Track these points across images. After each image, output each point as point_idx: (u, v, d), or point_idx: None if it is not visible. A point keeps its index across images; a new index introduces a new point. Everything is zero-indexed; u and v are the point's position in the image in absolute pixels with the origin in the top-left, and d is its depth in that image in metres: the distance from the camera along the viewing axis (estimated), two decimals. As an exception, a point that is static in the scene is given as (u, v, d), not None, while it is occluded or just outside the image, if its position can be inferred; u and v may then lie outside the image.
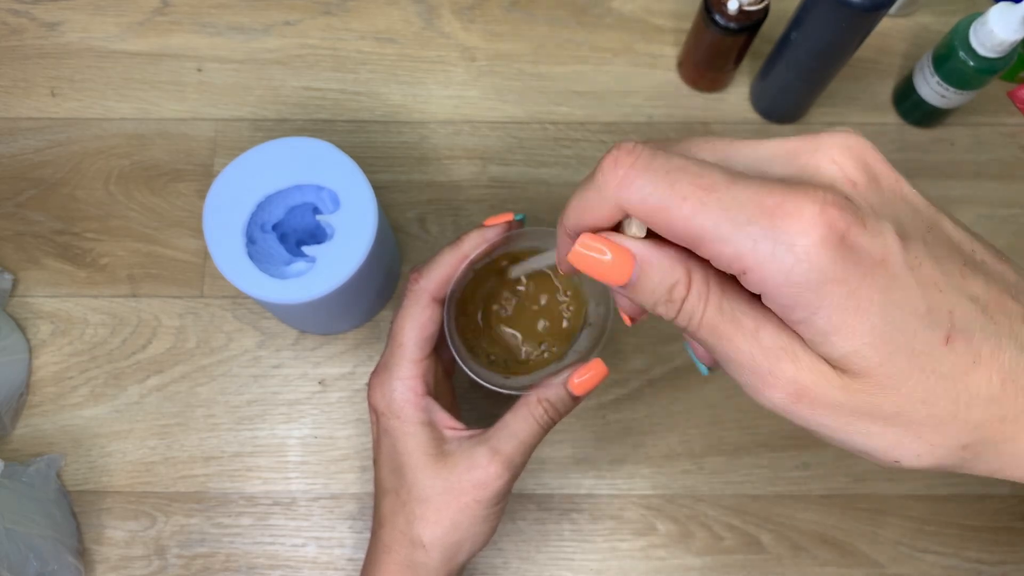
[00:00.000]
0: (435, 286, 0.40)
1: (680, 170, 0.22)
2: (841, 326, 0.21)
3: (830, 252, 0.21)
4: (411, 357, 0.40)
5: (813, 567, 0.51)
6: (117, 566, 0.50)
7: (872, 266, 0.21)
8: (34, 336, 0.53)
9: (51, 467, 0.50)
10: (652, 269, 0.24)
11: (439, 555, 0.39)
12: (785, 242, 0.21)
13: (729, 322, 0.23)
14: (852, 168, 0.22)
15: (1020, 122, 0.58)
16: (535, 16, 0.60)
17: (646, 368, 0.53)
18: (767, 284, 0.21)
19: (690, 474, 0.52)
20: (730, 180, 0.22)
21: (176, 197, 0.56)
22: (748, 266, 0.21)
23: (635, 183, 0.23)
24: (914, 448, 0.23)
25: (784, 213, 0.21)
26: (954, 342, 0.22)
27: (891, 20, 0.59)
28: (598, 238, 0.24)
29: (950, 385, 0.22)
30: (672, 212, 0.22)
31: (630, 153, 0.23)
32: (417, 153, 0.57)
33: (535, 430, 0.39)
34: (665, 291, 0.24)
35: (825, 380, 0.22)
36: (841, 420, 0.23)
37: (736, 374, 0.24)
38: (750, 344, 0.23)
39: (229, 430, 0.52)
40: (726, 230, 0.21)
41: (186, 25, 0.59)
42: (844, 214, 0.21)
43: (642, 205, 0.23)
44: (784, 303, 0.22)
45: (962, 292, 0.22)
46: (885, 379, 0.22)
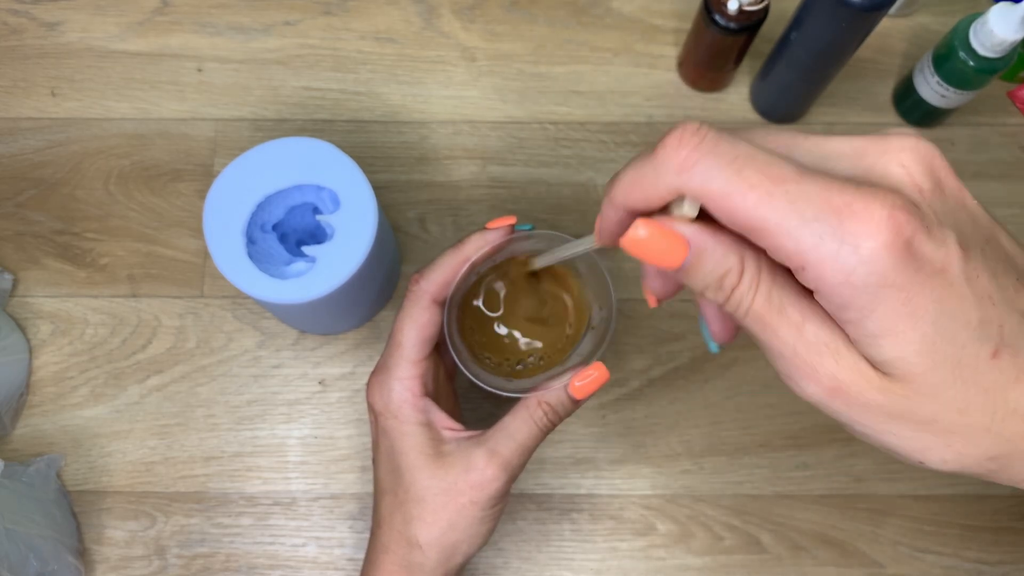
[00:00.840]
0: (436, 288, 0.40)
1: (748, 157, 0.22)
2: (892, 331, 0.21)
3: (894, 257, 0.21)
4: (410, 358, 0.40)
5: (813, 567, 0.51)
6: (117, 566, 0.50)
7: (932, 274, 0.21)
8: (34, 336, 0.53)
9: (51, 467, 0.50)
10: (706, 256, 0.23)
11: (436, 556, 0.39)
12: (851, 242, 0.21)
13: (776, 312, 0.23)
14: (919, 173, 0.22)
15: (1020, 122, 0.58)
16: (535, 16, 0.60)
17: (646, 368, 0.53)
18: (824, 282, 0.21)
19: (690, 474, 0.52)
20: (799, 173, 0.22)
21: (176, 197, 0.56)
22: (809, 262, 0.21)
23: (699, 165, 0.22)
24: (942, 454, 0.23)
25: (852, 213, 0.21)
26: (1000, 357, 0.22)
27: (891, 20, 0.59)
28: (651, 222, 0.24)
29: (989, 398, 0.22)
30: (736, 199, 0.22)
31: (695, 134, 0.22)
32: (417, 153, 0.57)
33: (534, 433, 0.39)
34: (717, 278, 0.23)
35: (865, 380, 0.22)
36: (874, 419, 0.23)
37: (776, 363, 0.24)
38: (794, 336, 0.23)
39: (229, 430, 0.52)
40: (791, 224, 0.21)
41: (186, 25, 0.59)
42: (911, 220, 0.21)
43: (704, 189, 0.22)
44: (838, 302, 0.22)
45: (1014, 307, 0.22)
46: (926, 387, 0.22)
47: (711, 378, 0.53)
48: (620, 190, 0.25)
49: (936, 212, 0.22)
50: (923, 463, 0.23)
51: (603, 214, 0.27)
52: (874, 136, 0.23)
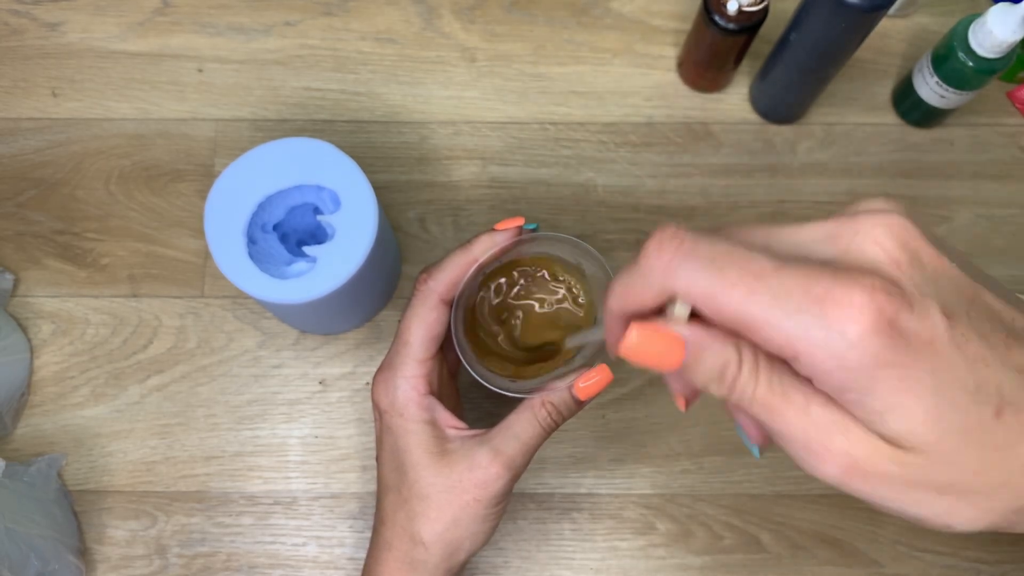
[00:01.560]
0: (444, 287, 0.40)
1: (726, 255, 0.23)
2: (895, 406, 0.22)
3: (881, 338, 0.21)
4: (416, 356, 0.40)
5: (812, 566, 0.51)
6: (118, 565, 0.50)
7: (921, 347, 0.22)
8: (35, 336, 0.53)
9: (52, 467, 0.50)
10: (703, 352, 0.24)
11: (439, 553, 0.39)
12: (837, 330, 0.21)
13: (780, 398, 0.23)
14: (894, 248, 0.23)
15: (1019, 122, 0.58)
16: (535, 17, 0.60)
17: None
18: (818, 369, 0.22)
19: (690, 473, 0.52)
20: (777, 266, 0.22)
21: (176, 197, 0.56)
22: (800, 352, 0.22)
23: (681, 269, 0.23)
24: (967, 515, 0.23)
25: (833, 301, 0.21)
26: (1004, 415, 0.22)
27: (890, 20, 0.59)
28: (645, 327, 0.24)
29: (1002, 456, 0.23)
30: (721, 299, 0.23)
31: (673, 238, 0.23)
32: (417, 153, 0.57)
33: (538, 432, 0.39)
34: (717, 372, 0.24)
35: (878, 453, 0.23)
36: (894, 491, 0.23)
37: (788, 448, 0.24)
38: (802, 419, 0.23)
39: (230, 430, 0.52)
40: (776, 317, 0.22)
41: (186, 25, 0.59)
42: (892, 299, 0.21)
43: (690, 291, 0.23)
44: (836, 386, 0.22)
45: (1008, 364, 0.23)
46: (939, 455, 0.22)
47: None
48: (614, 300, 0.26)
49: (916, 285, 0.22)
50: (950, 526, 0.24)
51: (607, 326, 0.28)
52: (845, 217, 0.24)
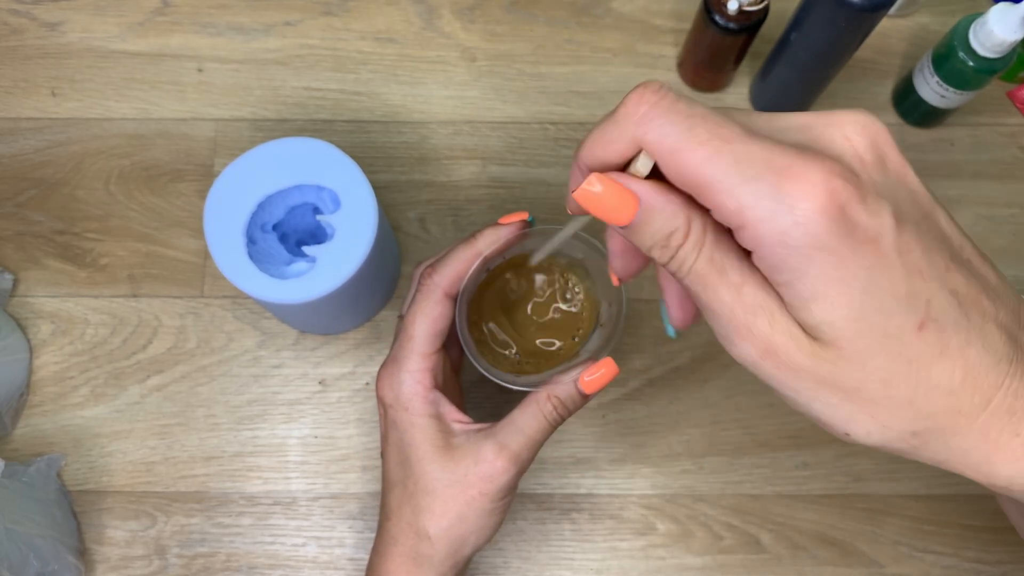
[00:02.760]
0: (448, 282, 0.40)
1: (701, 117, 0.23)
2: (822, 295, 0.22)
3: (827, 221, 0.21)
4: (421, 351, 0.40)
5: (812, 567, 0.51)
6: (117, 566, 0.50)
7: (863, 242, 0.22)
8: (35, 336, 0.53)
9: (51, 467, 0.50)
10: (654, 214, 0.24)
11: (445, 547, 0.39)
12: (787, 203, 0.21)
13: (717, 273, 0.24)
14: (862, 145, 0.23)
15: (1020, 122, 0.58)
16: (535, 16, 0.60)
17: (646, 368, 0.53)
18: (761, 241, 0.22)
19: (690, 474, 0.52)
20: (746, 135, 0.22)
21: (176, 197, 0.56)
22: (746, 220, 0.22)
23: (656, 121, 0.23)
24: (866, 426, 0.23)
25: (791, 175, 0.21)
26: (926, 330, 0.22)
27: (891, 20, 0.59)
28: (604, 178, 0.24)
29: (913, 371, 0.23)
30: (685, 155, 0.23)
31: (656, 92, 0.23)
32: (417, 153, 0.57)
33: (543, 426, 0.39)
34: (664, 236, 0.24)
35: (795, 344, 0.23)
36: (803, 384, 0.23)
37: (714, 323, 0.24)
38: (732, 297, 0.23)
39: (229, 430, 0.52)
40: (733, 182, 0.22)
41: (186, 25, 0.59)
42: (847, 186, 0.21)
43: (658, 144, 0.23)
44: (773, 263, 0.22)
45: (943, 284, 0.23)
46: (853, 354, 0.22)
47: (711, 378, 0.53)
48: (585, 148, 0.26)
49: (875, 183, 0.23)
50: (848, 435, 0.24)
51: (572, 179, 0.28)
52: (823, 112, 0.24)
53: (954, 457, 0.24)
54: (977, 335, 0.23)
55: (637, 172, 0.24)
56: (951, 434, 0.23)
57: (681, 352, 0.53)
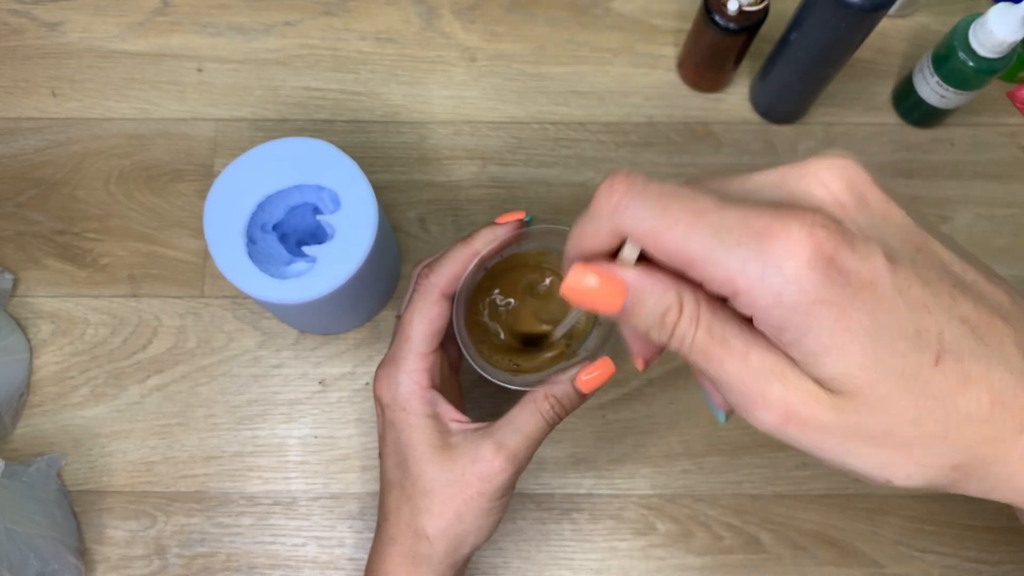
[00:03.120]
0: (445, 281, 0.40)
1: (672, 195, 0.23)
2: (831, 347, 0.22)
3: (818, 274, 0.21)
4: (418, 351, 0.40)
5: (812, 567, 0.51)
6: (117, 566, 0.50)
7: (860, 288, 0.21)
8: (35, 336, 0.53)
9: (52, 467, 0.50)
10: (644, 296, 0.24)
11: (443, 547, 0.39)
12: (774, 264, 0.21)
13: (719, 344, 0.23)
14: (840, 190, 0.23)
15: (1020, 122, 0.58)
16: (535, 16, 0.60)
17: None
18: (757, 306, 0.22)
19: (689, 474, 0.52)
20: (720, 204, 0.22)
21: (176, 197, 0.56)
22: (738, 288, 0.22)
23: (629, 207, 0.23)
24: (905, 468, 0.23)
25: (771, 235, 0.21)
26: (943, 363, 0.22)
27: (891, 20, 0.59)
28: (590, 267, 0.24)
29: (939, 406, 0.22)
30: (664, 235, 0.23)
31: (624, 180, 0.24)
32: (417, 153, 0.57)
33: (541, 425, 0.39)
34: (658, 316, 0.24)
35: (815, 401, 0.23)
36: (832, 441, 0.23)
37: (728, 395, 0.24)
38: (739, 366, 0.23)
39: (229, 430, 0.52)
40: (716, 253, 0.22)
41: (186, 25, 0.59)
42: (831, 236, 0.21)
43: (636, 229, 0.23)
44: (774, 324, 0.22)
45: (952, 314, 0.22)
46: (875, 400, 0.22)
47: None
48: (571, 244, 0.26)
49: (859, 227, 0.22)
50: (889, 481, 0.23)
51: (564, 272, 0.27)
52: (796, 162, 0.24)
53: (1000, 485, 0.23)
54: (997, 359, 0.22)
55: (626, 259, 0.25)
56: (992, 463, 0.23)
57: (681, 352, 0.53)
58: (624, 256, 0.25)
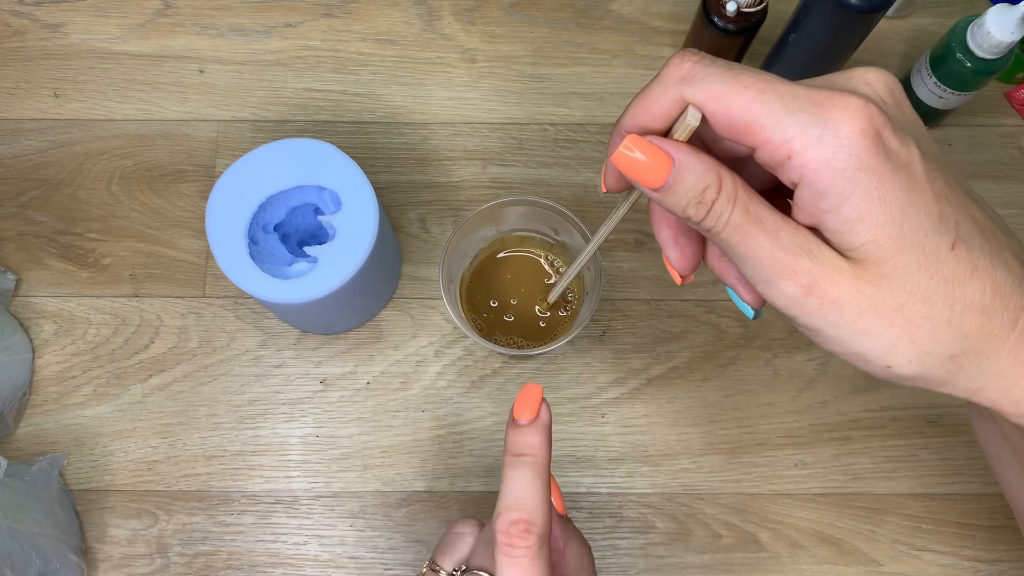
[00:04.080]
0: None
1: (741, 68, 0.25)
2: (866, 214, 0.23)
3: (868, 142, 0.23)
4: None
5: (811, 565, 0.51)
6: (119, 564, 0.50)
7: (899, 166, 0.23)
8: (37, 336, 0.54)
9: (54, 466, 0.50)
10: (688, 172, 0.25)
11: None
12: (831, 128, 0.23)
13: (753, 222, 0.25)
14: (883, 91, 0.25)
15: (1017, 123, 0.58)
16: (535, 18, 0.60)
17: (645, 367, 0.53)
18: (808, 168, 0.23)
19: (688, 473, 0.52)
20: (784, 80, 0.24)
21: (178, 198, 0.56)
22: (794, 149, 0.23)
23: (700, 74, 0.25)
24: (907, 352, 0.24)
25: (832, 104, 0.23)
26: (957, 249, 0.24)
27: (888, 21, 0.60)
28: (640, 140, 0.26)
29: (949, 289, 0.24)
30: (732, 97, 0.24)
31: (695, 53, 0.25)
32: (418, 154, 0.57)
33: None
34: (698, 193, 0.25)
35: (838, 273, 0.24)
36: (845, 316, 0.24)
37: (753, 270, 0.25)
38: (771, 241, 0.25)
39: (231, 429, 0.52)
40: (779, 115, 0.24)
41: (188, 27, 0.59)
42: (881, 114, 0.23)
43: (703, 92, 0.25)
44: (819, 188, 0.24)
45: (966, 212, 0.25)
46: (895, 271, 0.24)
47: (709, 377, 0.53)
48: (629, 113, 0.27)
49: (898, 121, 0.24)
50: (890, 367, 0.25)
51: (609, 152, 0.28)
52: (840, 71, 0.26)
53: (987, 382, 0.25)
54: (999, 259, 0.24)
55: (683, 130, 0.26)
56: (984, 356, 0.24)
57: (680, 352, 0.54)
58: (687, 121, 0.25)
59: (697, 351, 0.54)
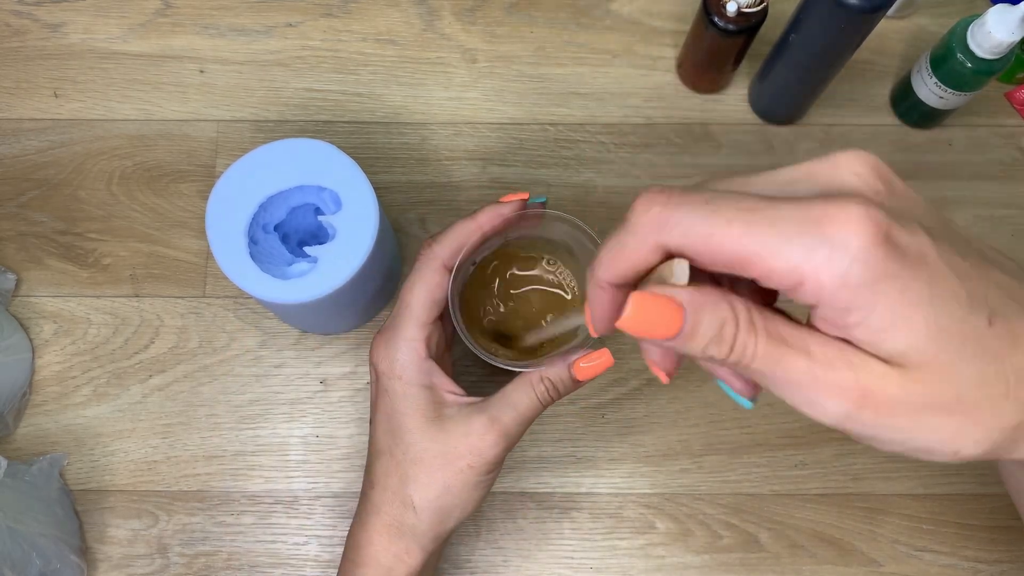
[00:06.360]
0: (447, 252, 0.41)
1: (718, 198, 0.23)
2: (898, 320, 0.22)
3: (880, 250, 0.22)
4: (418, 319, 0.40)
5: (811, 565, 0.51)
6: (119, 565, 0.50)
7: (915, 261, 0.22)
8: (37, 336, 0.53)
9: (54, 466, 0.50)
10: (701, 314, 0.23)
11: (428, 519, 0.39)
12: (840, 246, 0.22)
13: (780, 345, 0.23)
14: (872, 178, 0.24)
15: (1018, 123, 0.58)
16: (535, 18, 0.60)
17: (645, 367, 0.53)
18: (824, 291, 0.22)
19: (689, 473, 0.52)
20: (769, 201, 0.23)
21: (178, 198, 0.56)
22: (804, 275, 0.22)
23: (674, 216, 0.23)
24: (973, 435, 0.23)
25: (831, 220, 0.22)
26: (995, 324, 0.23)
27: (889, 21, 0.60)
28: (646, 296, 0.24)
29: (999, 366, 0.23)
30: (718, 237, 0.23)
31: (661, 192, 0.24)
32: (418, 154, 0.57)
33: (534, 405, 0.39)
34: (715, 332, 0.24)
35: (884, 379, 0.23)
36: (902, 420, 0.23)
37: (793, 395, 0.24)
38: (805, 362, 0.23)
39: (231, 429, 0.52)
40: (777, 244, 0.22)
41: (188, 27, 0.59)
42: (884, 215, 0.22)
43: (685, 238, 0.23)
44: (841, 307, 0.22)
45: (989, 280, 0.23)
46: (941, 368, 0.23)
47: (710, 377, 0.53)
48: (604, 266, 0.25)
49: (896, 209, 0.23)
50: (957, 452, 0.24)
51: (591, 301, 0.27)
52: (818, 158, 0.24)
53: None
54: None
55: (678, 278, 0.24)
56: None
57: (680, 352, 0.54)
58: (676, 275, 0.24)
59: (697, 351, 0.54)
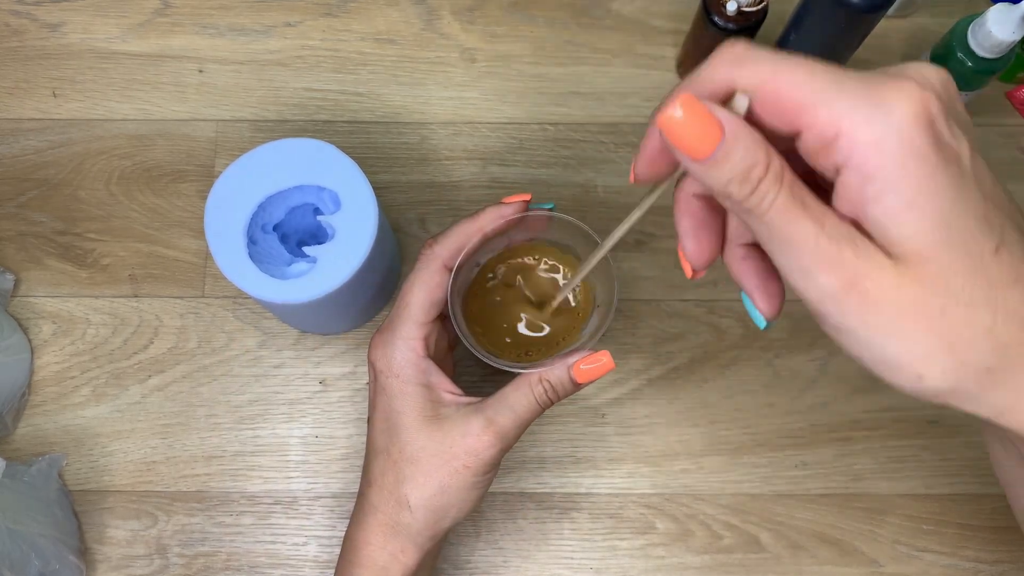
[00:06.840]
0: (448, 253, 0.41)
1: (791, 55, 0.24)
2: (914, 204, 0.22)
3: (921, 128, 0.22)
4: (417, 319, 0.40)
5: (812, 566, 0.51)
6: (119, 565, 0.50)
7: (950, 157, 0.22)
8: (36, 336, 0.53)
9: (53, 467, 0.50)
10: (738, 144, 0.23)
11: (424, 518, 0.39)
12: (884, 108, 0.22)
13: (800, 206, 0.23)
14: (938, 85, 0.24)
15: (1018, 123, 0.58)
16: (535, 17, 0.60)
17: (645, 368, 0.53)
18: (856, 148, 0.22)
19: (689, 473, 0.52)
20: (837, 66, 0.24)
21: (177, 198, 0.56)
22: (843, 129, 0.22)
23: (751, 56, 0.24)
24: (942, 362, 0.23)
25: (885, 86, 0.22)
26: (1001, 254, 0.23)
27: (889, 21, 0.59)
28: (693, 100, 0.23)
29: (993, 294, 0.23)
30: (783, 76, 0.23)
31: (746, 41, 0.25)
32: (417, 154, 0.57)
33: (532, 407, 0.39)
34: (744, 169, 0.23)
35: (880, 269, 0.23)
36: (882, 318, 0.23)
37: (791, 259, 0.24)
38: (816, 228, 0.23)
39: (230, 429, 0.52)
40: (830, 94, 0.23)
41: (187, 26, 0.59)
42: (937, 102, 0.22)
43: (755, 73, 0.24)
44: (867, 171, 0.22)
45: (1009, 216, 0.24)
46: (939, 270, 0.22)
47: (710, 378, 0.53)
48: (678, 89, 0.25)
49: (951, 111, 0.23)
50: (922, 377, 0.23)
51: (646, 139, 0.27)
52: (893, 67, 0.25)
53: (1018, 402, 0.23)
54: None
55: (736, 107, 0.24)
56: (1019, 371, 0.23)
57: (680, 352, 0.54)
58: (735, 107, 0.24)
59: (698, 351, 0.54)
